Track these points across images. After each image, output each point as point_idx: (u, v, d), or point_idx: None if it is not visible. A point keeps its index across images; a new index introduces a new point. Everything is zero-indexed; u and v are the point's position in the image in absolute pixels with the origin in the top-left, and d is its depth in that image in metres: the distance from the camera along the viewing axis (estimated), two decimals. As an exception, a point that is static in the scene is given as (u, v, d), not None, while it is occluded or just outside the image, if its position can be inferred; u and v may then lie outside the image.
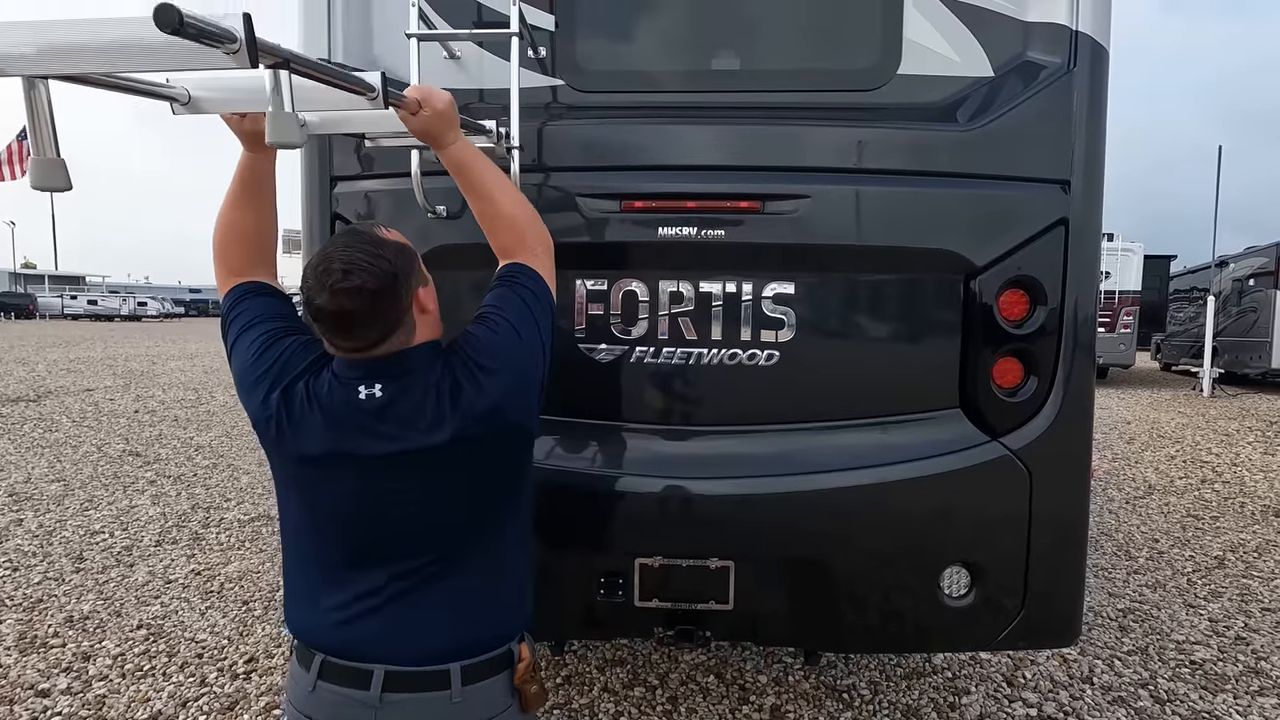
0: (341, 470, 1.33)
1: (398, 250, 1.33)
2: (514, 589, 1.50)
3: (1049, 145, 2.08)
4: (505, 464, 1.45)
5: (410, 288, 1.34)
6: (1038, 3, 2.13)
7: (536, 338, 1.48)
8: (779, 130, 2.11)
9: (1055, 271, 2.10)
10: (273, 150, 1.58)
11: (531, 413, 1.48)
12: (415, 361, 1.35)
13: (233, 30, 0.98)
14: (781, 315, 2.12)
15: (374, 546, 1.36)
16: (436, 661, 1.33)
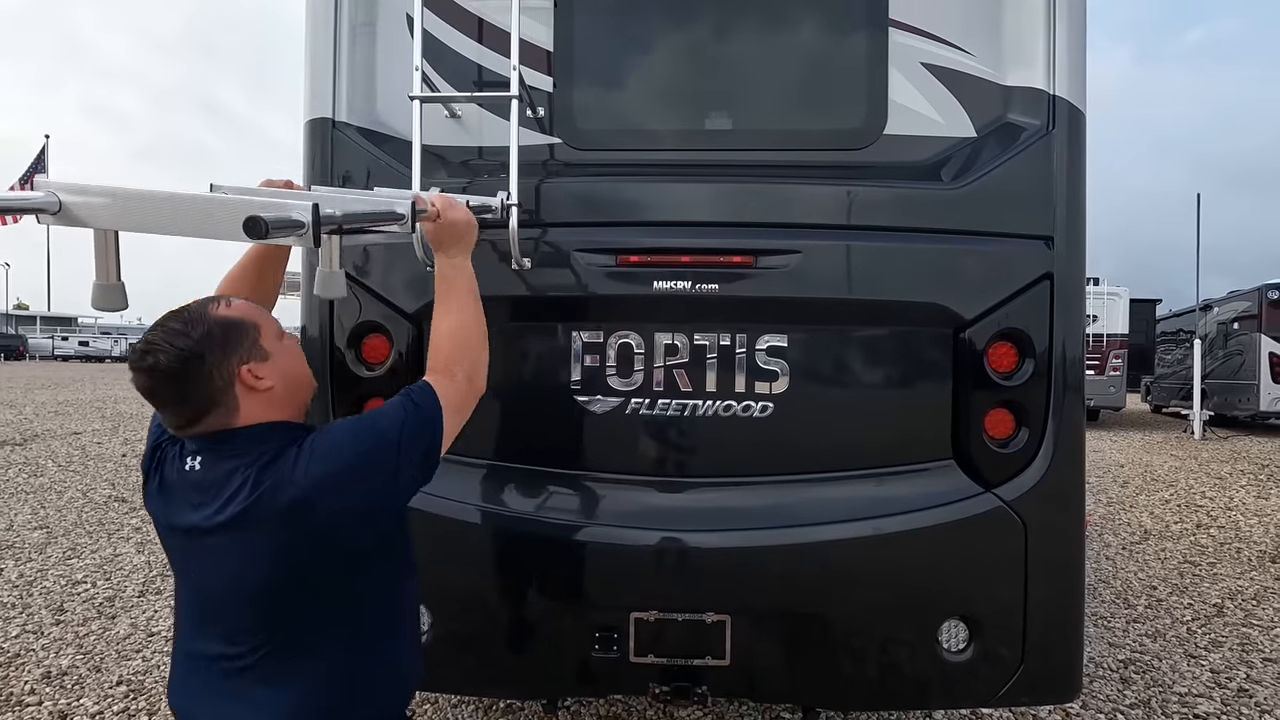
0: (174, 539, 1.35)
1: (210, 329, 1.27)
2: (373, 676, 1.38)
3: (1031, 203, 2.15)
4: (324, 562, 1.30)
5: (224, 367, 1.27)
6: (1016, 68, 2.22)
7: (392, 458, 1.33)
8: (770, 188, 2.17)
9: (1042, 324, 2.14)
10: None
11: (360, 528, 1.33)
12: (242, 440, 1.30)
13: (301, 220, 1.09)
14: (775, 367, 2.14)
15: (204, 621, 1.34)
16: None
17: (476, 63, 2.34)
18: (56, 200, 1.14)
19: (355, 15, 2.32)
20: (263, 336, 1.34)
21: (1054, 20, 2.18)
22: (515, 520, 2.16)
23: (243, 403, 1.30)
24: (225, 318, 1.31)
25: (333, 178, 2.23)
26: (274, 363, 1.34)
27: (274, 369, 1.33)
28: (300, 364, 1.45)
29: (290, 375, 1.39)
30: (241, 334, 1.31)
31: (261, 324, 1.36)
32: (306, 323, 2.28)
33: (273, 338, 1.37)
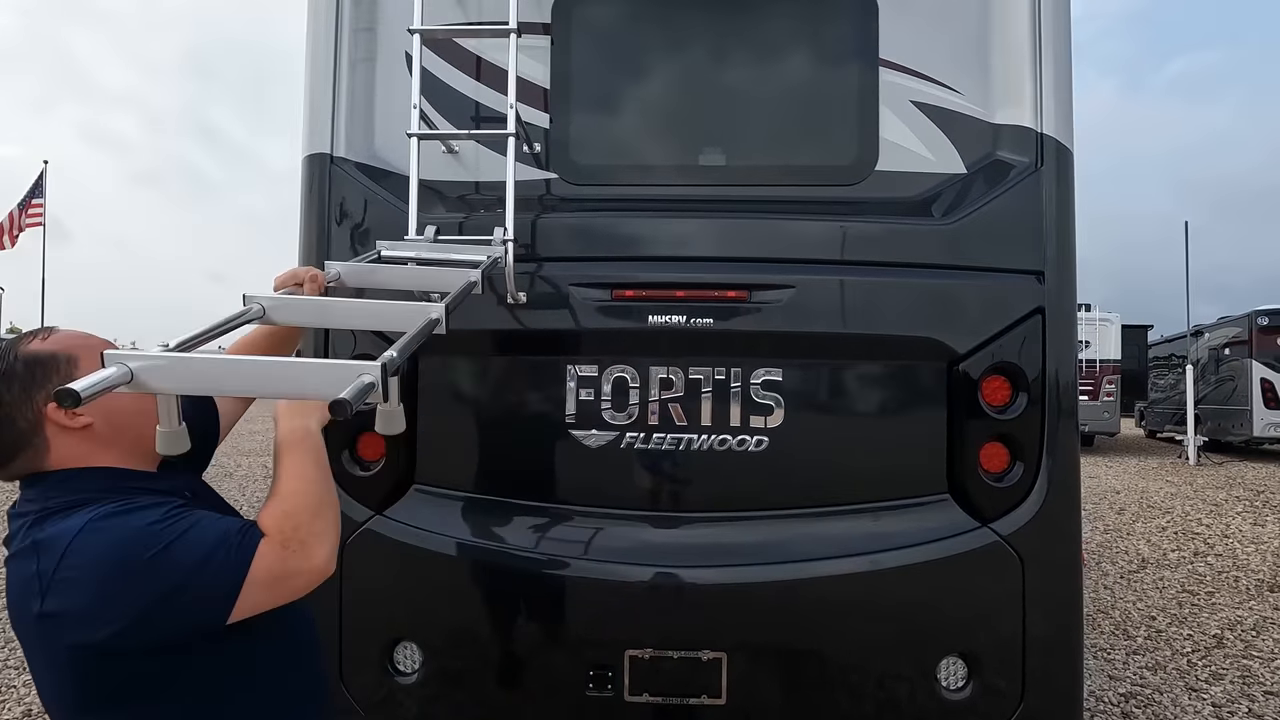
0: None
1: (9, 367, 1.15)
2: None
3: (1022, 239, 2.17)
4: (107, 676, 1.10)
5: (25, 406, 1.13)
6: (1004, 106, 2.27)
7: (174, 586, 1.07)
8: (764, 223, 2.20)
9: (1035, 358, 2.15)
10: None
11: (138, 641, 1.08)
12: (47, 485, 1.15)
13: (374, 382, 1.11)
14: (770, 401, 2.14)
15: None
16: None
17: (474, 99, 2.38)
18: (129, 371, 1.09)
19: (355, 51, 2.35)
20: (80, 369, 1.15)
21: (1040, 60, 2.22)
22: (508, 555, 2.14)
23: (54, 443, 1.15)
24: (32, 352, 1.17)
25: (330, 212, 2.25)
26: (114, 399, 1.12)
27: (94, 404, 1.08)
28: (138, 400, 1.16)
29: (119, 412, 1.16)
30: (50, 368, 1.16)
31: (80, 355, 1.18)
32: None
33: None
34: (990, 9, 2.29)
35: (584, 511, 2.18)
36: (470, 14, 2.38)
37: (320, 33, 2.32)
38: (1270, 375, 13.21)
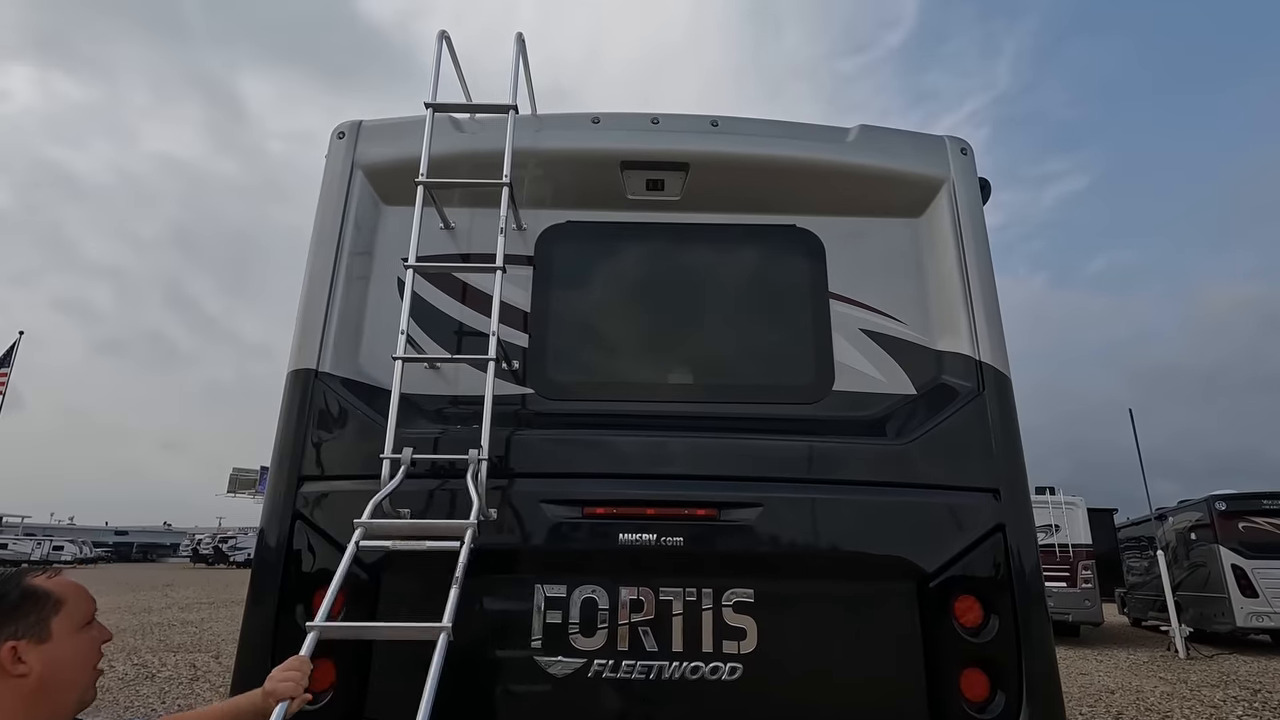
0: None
1: (20, 596, 1.20)
2: None
3: (973, 457, 2.29)
4: None
5: (10, 635, 1.16)
6: (944, 336, 2.50)
7: None
8: (732, 441, 2.29)
9: (1002, 575, 2.17)
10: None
11: None
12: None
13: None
14: (742, 624, 2.09)
15: None
16: None
17: (458, 319, 2.55)
18: None
19: (351, 273, 2.54)
20: (56, 618, 1.20)
21: (970, 296, 2.49)
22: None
23: (15, 672, 1.14)
24: (32, 588, 1.21)
25: (309, 424, 2.29)
26: (48, 649, 1.17)
27: (43, 656, 1.16)
28: (80, 670, 1.22)
29: (57, 671, 1.18)
30: (34, 605, 1.19)
31: (67, 603, 1.22)
32: (257, 572, 2.19)
33: (72, 626, 1.22)
34: (921, 252, 2.61)
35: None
36: (460, 246, 2.64)
37: (321, 258, 2.52)
38: (1240, 562, 13.20)
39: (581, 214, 2.68)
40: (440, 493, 2.19)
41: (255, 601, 2.15)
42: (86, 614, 1.26)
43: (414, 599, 2.11)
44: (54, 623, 1.20)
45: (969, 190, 2.64)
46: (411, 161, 2.48)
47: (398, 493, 2.10)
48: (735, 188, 2.66)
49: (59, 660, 1.17)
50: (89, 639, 1.25)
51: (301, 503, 2.22)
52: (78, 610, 1.23)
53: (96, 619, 1.29)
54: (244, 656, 2.09)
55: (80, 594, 1.27)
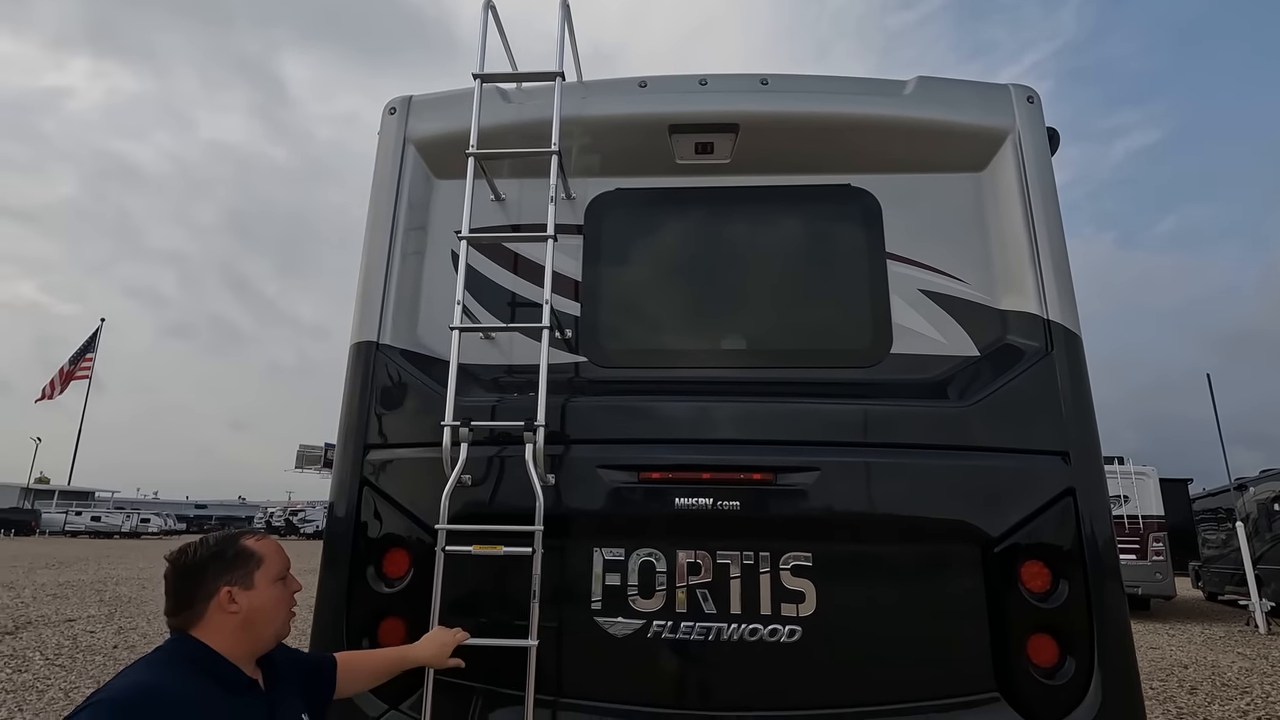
0: None
1: (219, 550, 1.49)
2: None
3: (1042, 419, 2.20)
4: None
5: (211, 581, 1.46)
6: (1009, 295, 2.40)
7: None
8: (787, 405, 2.27)
9: (1072, 541, 2.10)
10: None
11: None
12: (174, 645, 1.44)
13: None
14: (801, 588, 2.09)
15: None
16: None
17: (511, 290, 2.58)
18: None
19: (407, 248, 2.60)
20: (259, 571, 1.50)
21: (1037, 253, 2.38)
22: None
23: (211, 616, 1.45)
24: (243, 547, 1.52)
25: (372, 395, 2.37)
26: (248, 598, 1.48)
27: (249, 600, 1.48)
28: (276, 611, 1.53)
29: (259, 611, 1.49)
30: (240, 560, 1.50)
31: (267, 560, 1.53)
32: (329, 535, 2.29)
33: (270, 578, 1.52)
34: (984, 208, 2.50)
35: (608, 709, 2.05)
36: (511, 218, 2.65)
37: (377, 233, 2.58)
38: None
39: (630, 181, 2.66)
40: (499, 460, 2.24)
41: (329, 563, 2.25)
42: (282, 570, 1.55)
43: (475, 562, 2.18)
44: (257, 575, 1.50)
45: (1036, 141, 2.51)
46: (462, 134, 2.50)
47: (468, 459, 2.15)
48: (787, 148, 2.59)
49: (260, 604, 1.49)
50: (283, 589, 1.56)
51: (368, 470, 2.30)
52: (274, 566, 1.54)
53: (291, 576, 1.60)
54: (321, 612, 2.20)
55: (278, 554, 1.56)
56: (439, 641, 1.93)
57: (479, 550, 2.04)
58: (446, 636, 1.94)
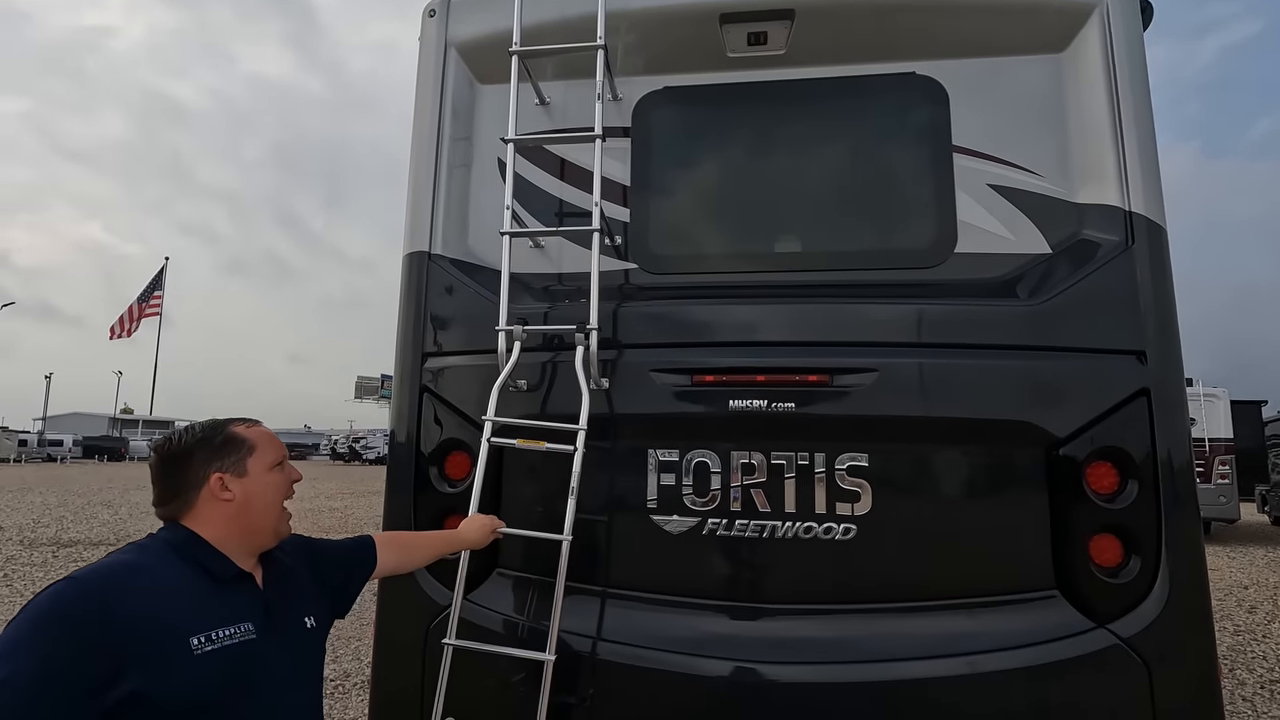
0: None
1: (205, 436, 1.39)
2: None
3: (1118, 318, 2.09)
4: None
5: (200, 468, 1.36)
6: (1087, 186, 2.24)
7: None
8: (844, 307, 2.21)
9: (1144, 442, 2.02)
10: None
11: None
12: (163, 532, 1.37)
13: None
14: (856, 488, 2.08)
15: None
16: None
17: (558, 197, 2.54)
18: None
19: (453, 158, 2.57)
20: (252, 457, 1.41)
21: (1122, 139, 2.20)
22: (586, 643, 2.09)
23: (200, 504, 1.36)
24: (232, 434, 1.42)
25: (427, 304, 2.40)
26: (246, 482, 1.38)
27: (243, 487, 1.38)
28: (271, 500, 1.42)
29: (254, 499, 1.39)
30: (235, 448, 1.40)
31: (259, 448, 1.42)
32: (393, 442, 2.38)
33: (264, 466, 1.42)
34: (1064, 93, 2.31)
35: (664, 600, 2.13)
36: (556, 121, 2.58)
37: (423, 143, 2.56)
38: None
39: (679, 79, 2.53)
40: (551, 365, 2.26)
41: (394, 467, 2.36)
42: (276, 458, 1.46)
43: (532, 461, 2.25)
44: (250, 461, 1.40)
45: (1126, 14, 2.27)
46: (504, 35, 2.41)
47: (520, 366, 2.19)
48: (846, 34, 2.42)
49: (255, 491, 1.39)
50: (280, 476, 1.46)
51: (426, 377, 2.36)
52: (269, 453, 1.44)
53: (288, 464, 1.49)
54: (391, 513, 2.32)
55: (270, 441, 1.47)
56: (480, 525, 1.99)
57: (522, 444, 2.09)
58: (486, 520, 2.01)
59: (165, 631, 1.20)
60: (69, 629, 1.13)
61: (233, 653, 1.26)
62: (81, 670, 1.11)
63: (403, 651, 2.17)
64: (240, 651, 1.27)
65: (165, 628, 1.20)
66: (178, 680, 1.18)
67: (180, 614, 1.23)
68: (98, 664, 1.12)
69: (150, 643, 1.17)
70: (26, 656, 1.10)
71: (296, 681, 1.41)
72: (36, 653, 1.10)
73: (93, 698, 1.11)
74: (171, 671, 1.17)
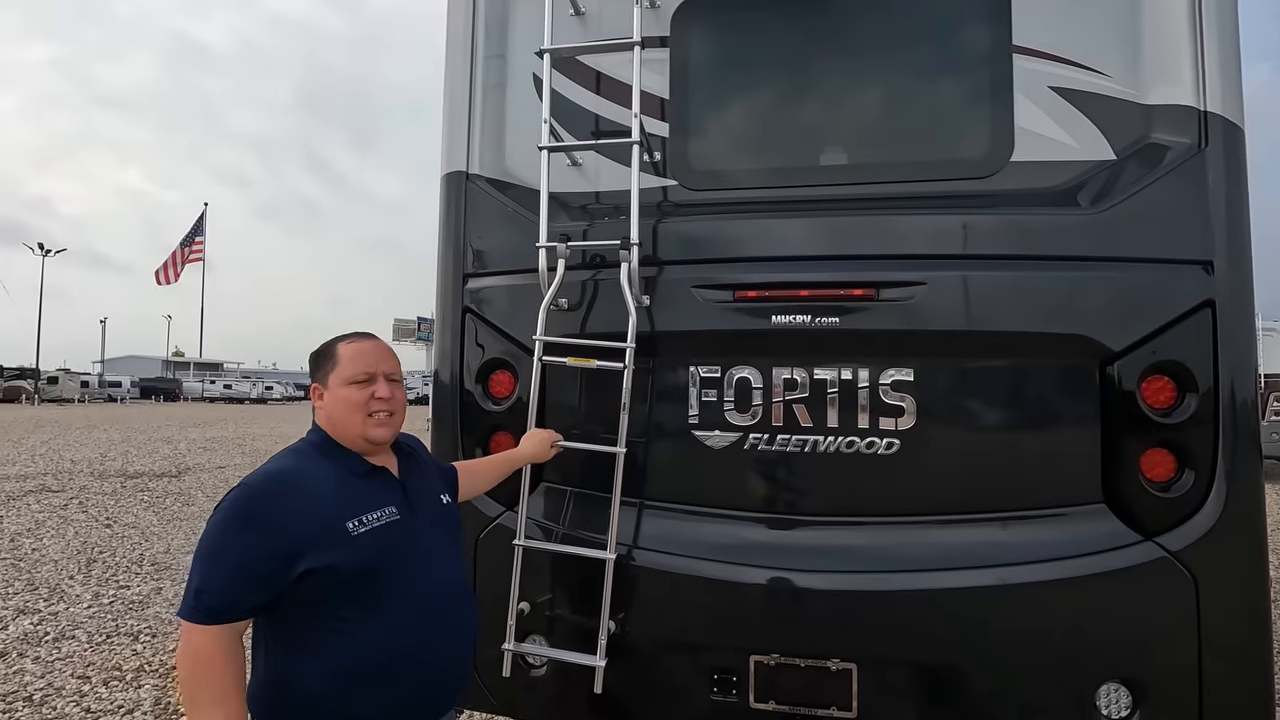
0: None
1: (319, 349, 1.61)
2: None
3: (1186, 225, 1.99)
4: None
5: (313, 376, 1.60)
6: (1159, 86, 2.09)
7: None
8: (891, 219, 2.14)
9: (1205, 355, 1.95)
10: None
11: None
12: (309, 433, 1.59)
13: None
14: (900, 402, 2.07)
15: None
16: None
17: (595, 113, 2.47)
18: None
19: (487, 78, 2.52)
20: (332, 373, 1.56)
21: (1201, 34, 2.04)
22: (631, 553, 2.16)
23: (317, 410, 1.61)
24: (328, 348, 1.60)
25: (466, 224, 2.40)
26: (325, 396, 1.57)
27: (325, 399, 1.58)
28: (345, 413, 1.54)
29: (331, 410, 1.56)
30: (322, 361, 1.59)
31: (341, 363, 1.56)
32: (438, 364, 2.43)
33: (340, 380, 1.55)
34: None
35: (706, 512, 2.17)
36: (591, 34, 2.49)
37: (456, 62, 2.51)
38: None
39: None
40: (593, 283, 2.26)
41: (440, 387, 2.41)
42: (355, 374, 1.55)
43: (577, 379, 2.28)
44: (331, 376, 1.56)
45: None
46: (536, -59, 2.31)
47: (565, 285, 2.19)
48: (900, -75, 2.26)
49: (331, 404, 1.56)
50: (351, 392, 1.54)
51: (468, 298, 2.38)
52: (346, 371, 1.56)
53: (384, 382, 1.57)
54: (438, 433, 2.39)
55: (356, 358, 1.57)
56: (539, 439, 2.11)
57: (573, 363, 2.12)
58: (545, 434, 2.12)
59: (326, 520, 1.43)
60: (250, 528, 1.38)
61: (383, 531, 1.48)
62: (265, 558, 1.37)
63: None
64: (389, 529, 1.49)
65: (326, 518, 1.43)
66: (342, 556, 1.41)
67: (335, 505, 1.45)
68: (277, 552, 1.37)
69: (316, 529, 1.41)
70: (224, 555, 1.38)
71: (443, 547, 1.63)
72: (231, 551, 1.38)
73: (280, 574, 1.37)
74: (336, 550, 1.41)
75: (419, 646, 1.49)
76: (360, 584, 1.44)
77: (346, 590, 1.43)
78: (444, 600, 1.56)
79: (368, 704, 1.44)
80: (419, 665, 1.49)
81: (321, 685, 1.42)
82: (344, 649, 1.43)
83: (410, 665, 1.47)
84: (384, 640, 1.45)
